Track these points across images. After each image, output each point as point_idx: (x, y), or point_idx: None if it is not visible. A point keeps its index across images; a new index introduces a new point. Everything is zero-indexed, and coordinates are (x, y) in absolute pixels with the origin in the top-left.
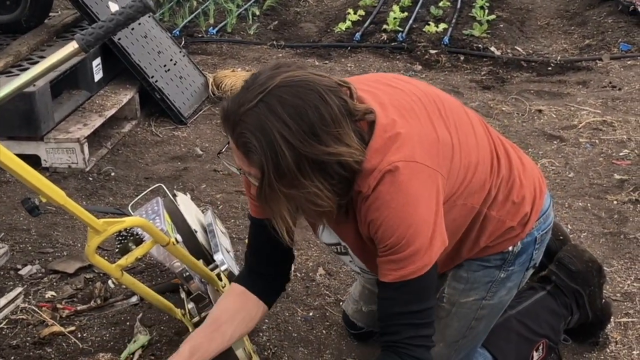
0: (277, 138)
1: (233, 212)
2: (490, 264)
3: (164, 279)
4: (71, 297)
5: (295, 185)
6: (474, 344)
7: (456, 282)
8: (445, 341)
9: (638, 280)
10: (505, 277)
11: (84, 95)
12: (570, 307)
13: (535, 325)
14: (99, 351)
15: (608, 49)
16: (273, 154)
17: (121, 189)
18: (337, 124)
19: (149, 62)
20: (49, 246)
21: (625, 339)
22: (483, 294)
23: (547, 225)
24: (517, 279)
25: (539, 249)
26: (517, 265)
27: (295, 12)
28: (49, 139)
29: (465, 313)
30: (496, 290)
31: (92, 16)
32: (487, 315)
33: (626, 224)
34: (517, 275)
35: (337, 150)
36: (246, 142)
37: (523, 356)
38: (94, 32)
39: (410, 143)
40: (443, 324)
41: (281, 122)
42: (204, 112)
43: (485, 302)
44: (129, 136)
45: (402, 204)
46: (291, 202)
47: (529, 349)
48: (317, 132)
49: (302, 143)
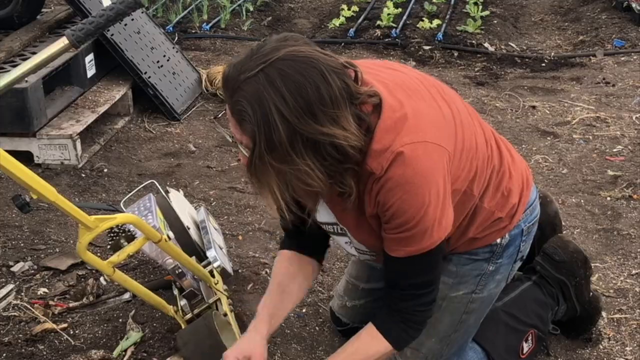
0: (273, 111)
1: (226, 209)
2: (479, 257)
3: (156, 275)
4: (63, 294)
5: (286, 161)
6: (465, 337)
7: (446, 276)
8: (438, 336)
9: (631, 277)
10: (494, 269)
11: (77, 92)
12: (557, 297)
13: (522, 315)
14: (91, 348)
15: (602, 45)
16: (266, 126)
17: (114, 185)
18: (336, 105)
19: (142, 58)
20: (41, 243)
21: (618, 335)
22: (473, 287)
23: (534, 218)
24: (506, 272)
25: (526, 240)
26: (505, 257)
27: (289, 8)
28: (42, 135)
29: (456, 307)
30: (485, 283)
31: (85, 12)
32: (477, 309)
33: (619, 220)
34: (506, 268)
35: (332, 131)
36: (241, 110)
37: (512, 347)
38: (84, 28)
39: (419, 123)
40: (434, 319)
41: (279, 96)
42: (197, 108)
43: (475, 295)
44: (121, 132)
45: (417, 186)
46: (280, 178)
47: (518, 339)
48: (314, 110)
49: (298, 119)
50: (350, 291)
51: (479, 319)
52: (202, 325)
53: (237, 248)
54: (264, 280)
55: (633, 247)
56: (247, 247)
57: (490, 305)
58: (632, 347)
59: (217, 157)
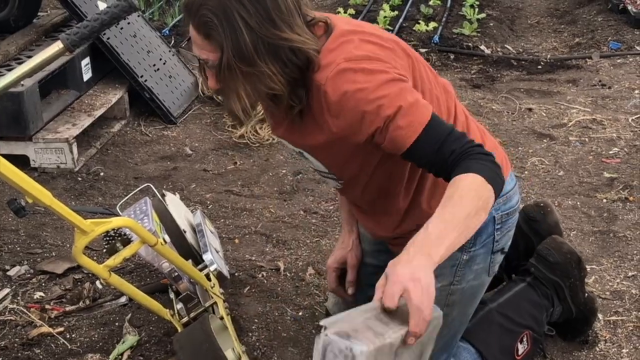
0: (237, 18)
1: (222, 212)
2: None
3: (153, 279)
4: (60, 298)
5: (251, 65)
6: (451, 332)
7: None
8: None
9: (627, 279)
10: (468, 259)
11: (73, 95)
12: (552, 298)
13: (516, 316)
14: (88, 352)
15: (598, 48)
16: (233, 34)
17: (110, 189)
18: (290, 14)
19: (138, 62)
20: (38, 247)
21: (614, 337)
22: (450, 279)
23: (509, 208)
24: (484, 263)
25: (500, 230)
26: (479, 245)
27: None
28: (38, 139)
29: (437, 300)
30: (463, 274)
31: (81, 15)
32: (458, 301)
33: (615, 222)
34: (483, 259)
35: (289, 36)
36: (207, 21)
37: (507, 348)
38: (78, 32)
39: (368, 46)
40: None
41: (240, 5)
42: (194, 111)
43: (453, 287)
44: (118, 136)
45: (365, 80)
46: (247, 81)
47: (513, 340)
48: (273, 17)
49: (259, 25)
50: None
51: (463, 313)
52: (198, 328)
53: (233, 251)
54: (260, 284)
55: (629, 249)
56: (243, 251)
57: (473, 300)
58: (629, 349)
59: (213, 160)
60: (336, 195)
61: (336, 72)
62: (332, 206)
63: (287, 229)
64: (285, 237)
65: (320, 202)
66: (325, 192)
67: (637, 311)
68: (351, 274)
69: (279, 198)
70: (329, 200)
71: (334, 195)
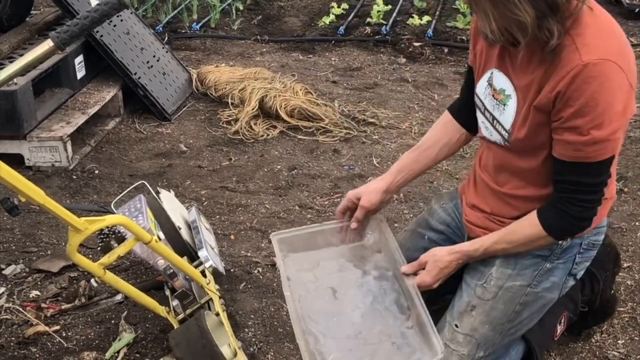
0: None
1: (218, 208)
2: (538, 252)
3: (148, 276)
4: (55, 296)
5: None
6: (517, 331)
7: (504, 267)
8: (492, 323)
9: (623, 270)
10: (550, 268)
11: (67, 93)
12: (582, 281)
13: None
14: (84, 350)
15: None
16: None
17: (105, 186)
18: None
19: (131, 59)
20: (33, 245)
21: (610, 329)
22: (529, 280)
23: (595, 241)
24: (560, 280)
25: (582, 255)
26: (562, 260)
27: (279, 7)
28: (32, 138)
29: (511, 297)
30: (540, 280)
31: (73, 13)
32: (531, 304)
33: (611, 214)
34: (560, 275)
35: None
36: None
37: (548, 330)
38: (68, 30)
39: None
40: (490, 307)
41: None
42: (188, 108)
43: (530, 289)
44: (112, 133)
45: (611, 89)
46: (495, 5)
47: (554, 322)
48: None
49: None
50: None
51: (530, 318)
52: (194, 325)
53: (229, 247)
54: (256, 280)
55: (624, 241)
56: (238, 247)
57: (542, 311)
58: (624, 340)
59: (208, 156)
60: (330, 192)
61: (604, 64)
62: (327, 201)
63: (282, 224)
64: None
65: (315, 197)
66: (320, 187)
67: (633, 302)
68: (359, 212)
69: (274, 194)
70: (324, 196)
71: (329, 190)
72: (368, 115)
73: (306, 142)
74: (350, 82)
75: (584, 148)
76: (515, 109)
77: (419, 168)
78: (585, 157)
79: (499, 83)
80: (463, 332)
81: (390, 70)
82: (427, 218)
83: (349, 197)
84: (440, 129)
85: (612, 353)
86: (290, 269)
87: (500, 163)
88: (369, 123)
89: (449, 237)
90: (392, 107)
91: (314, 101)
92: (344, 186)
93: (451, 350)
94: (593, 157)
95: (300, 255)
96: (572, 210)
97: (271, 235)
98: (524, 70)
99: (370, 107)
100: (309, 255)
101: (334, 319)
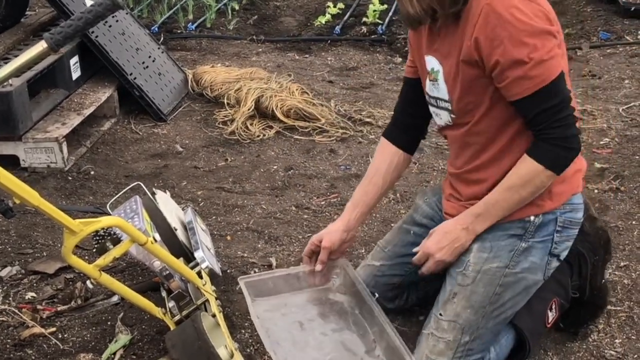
0: None
1: (214, 209)
2: (512, 231)
3: (144, 277)
4: (51, 298)
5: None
6: (501, 316)
7: (481, 252)
8: (473, 307)
9: (620, 269)
10: (526, 247)
11: (62, 94)
12: (571, 266)
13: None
14: (80, 352)
15: (587, 38)
16: None
17: (101, 187)
18: None
19: (127, 60)
20: (29, 247)
21: (607, 328)
22: (506, 262)
23: (573, 218)
24: (540, 260)
25: (560, 233)
26: (538, 238)
27: (275, 6)
28: (27, 139)
29: (490, 279)
30: (518, 260)
31: (69, 14)
32: (511, 285)
33: (607, 213)
34: (540, 255)
35: None
36: None
37: (539, 316)
38: (62, 31)
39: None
40: (470, 291)
41: None
42: (184, 108)
43: (508, 270)
44: (108, 134)
45: (524, 13)
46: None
47: (544, 308)
48: None
49: None
50: (376, 252)
51: (514, 301)
52: (190, 326)
53: (225, 248)
54: None
55: (621, 240)
56: (235, 247)
57: (526, 294)
58: (622, 339)
59: (204, 157)
60: (327, 192)
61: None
62: (324, 201)
63: (278, 225)
64: (277, 233)
65: (311, 197)
66: (317, 188)
67: (630, 301)
68: (322, 254)
69: (271, 194)
70: (321, 196)
71: (325, 190)
72: (364, 115)
73: (302, 142)
74: (347, 81)
75: (532, 73)
76: (444, 76)
77: (370, 199)
78: (540, 82)
79: (430, 65)
80: (447, 319)
81: (387, 69)
82: (412, 214)
83: (312, 241)
84: (378, 157)
85: (609, 352)
86: (259, 309)
87: (459, 145)
88: (366, 123)
89: None
90: (388, 106)
91: (310, 101)
92: (340, 186)
93: (437, 338)
94: (545, 78)
95: (268, 299)
96: (553, 133)
97: (239, 278)
98: (445, 40)
99: (366, 107)
100: (277, 298)
101: (301, 345)
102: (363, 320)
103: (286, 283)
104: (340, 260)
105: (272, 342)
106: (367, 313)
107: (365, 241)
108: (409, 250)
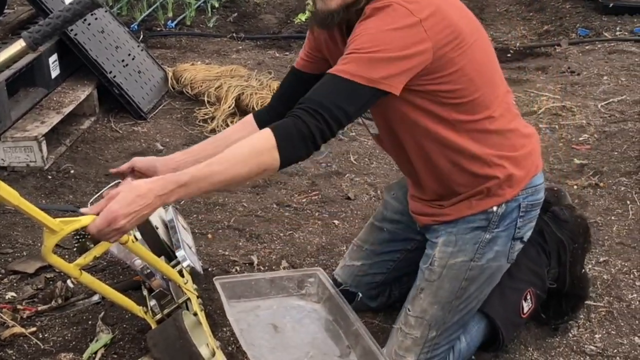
0: None
1: (195, 207)
2: (476, 224)
3: (125, 276)
4: (32, 298)
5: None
6: (467, 308)
7: (445, 246)
8: (440, 303)
9: (599, 264)
10: (491, 238)
11: (41, 93)
12: (550, 256)
13: (517, 272)
14: (61, 351)
15: (566, 35)
16: None
17: (81, 186)
18: None
19: (106, 58)
20: (8, 246)
21: (587, 323)
22: (471, 255)
23: (535, 200)
24: (504, 247)
25: (523, 218)
26: (502, 228)
27: (255, 4)
28: (6, 138)
29: (455, 274)
30: (483, 252)
31: (47, 12)
32: (477, 277)
33: (586, 208)
34: (504, 242)
35: None
36: None
37: (512, 306)
38: (41, 30)
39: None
40: (436, 287)
41: None
42: (164, 106)
43: (473, 263)
44: (88, 133)
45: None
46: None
47: (517, 298)
48: None
49: None
50: (353, 252)
51: (480, 291)
52: (171, 325)
53: (206, 246)
54: None
55: (600, 235)
56: (216, 246)
57: (492, 282)
58: (601, 334)
59: None
60: (308, 190)
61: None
62: (305, 199)
63: (260, 222)
64: (258, 231)
65: (293, 195)
66: (298, 185)
67: (609, 296)
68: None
69: (252, 192)
70: (302, 193)
71: (307, 188)
72: None
73: None
74: None
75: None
76: None
77: (203, 157)
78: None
79: None
80: (414, 314)
81: None
82: (382, 210)
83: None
84: (236, 128)
85: (589, 347)
86: (234, 310)
87: (395, 148)
88: None
89: (407, 224)
90: None
91: None
92: (321, 184)
93: (405, 334)
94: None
95: (243, 301)
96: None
97: (214, 279)
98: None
99: None
100: (251, 301)
101: (276, 347)
102: (337, 327)
103: (262, 287)
104: (317, 271)
105: (247, 343)
106: (341, 319)
107: (346, 238)
108: (387, 249)
